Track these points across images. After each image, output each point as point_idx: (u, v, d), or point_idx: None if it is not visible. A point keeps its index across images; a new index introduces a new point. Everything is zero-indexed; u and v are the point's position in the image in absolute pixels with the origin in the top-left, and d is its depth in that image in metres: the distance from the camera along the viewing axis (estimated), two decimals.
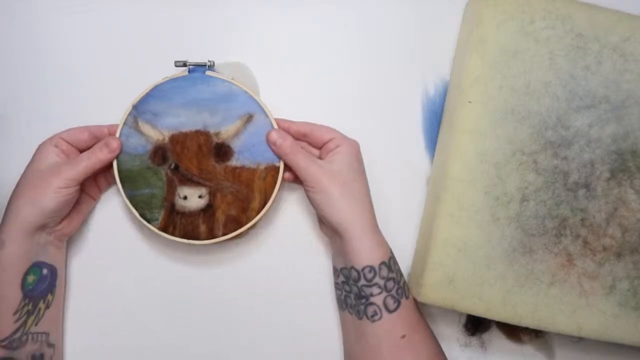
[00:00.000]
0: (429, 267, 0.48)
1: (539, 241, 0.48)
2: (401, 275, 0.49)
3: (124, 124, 0.49)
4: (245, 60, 0.54)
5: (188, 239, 0.50)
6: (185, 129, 0.49)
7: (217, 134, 0.49)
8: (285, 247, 0.54)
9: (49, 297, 0.49)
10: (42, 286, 0.48)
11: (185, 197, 0.49)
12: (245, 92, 0.50)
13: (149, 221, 0.49)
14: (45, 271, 0.49)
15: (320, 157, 0.51)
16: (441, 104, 0.55)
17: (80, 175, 0.47)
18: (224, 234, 0.50)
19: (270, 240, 0.54)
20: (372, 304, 0.47)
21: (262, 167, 0.50)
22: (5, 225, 0.46)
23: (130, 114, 0.49)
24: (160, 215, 0.49)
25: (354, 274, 0.47)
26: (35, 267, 0.48)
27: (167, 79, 0.50)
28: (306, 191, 0.49)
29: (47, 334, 0.49)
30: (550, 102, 0.48)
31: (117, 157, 0.49)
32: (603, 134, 0.48)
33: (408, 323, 0.47)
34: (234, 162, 0.50)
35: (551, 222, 0.48)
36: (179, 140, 0.49)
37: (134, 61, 0.54)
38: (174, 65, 0.50)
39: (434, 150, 0.54)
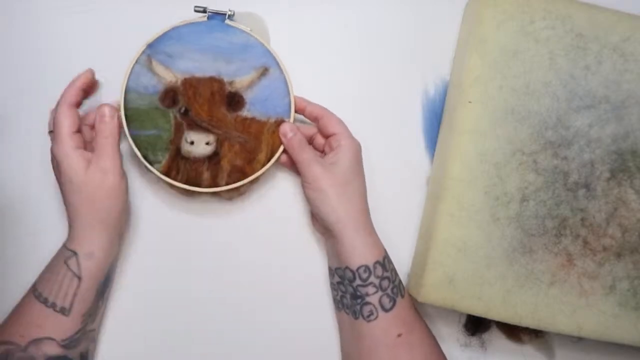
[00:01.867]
0: (429, 267, 0.48)
1: (539, 241, 0.48)
2: (396, 274, 0.49)
3: (136, 62, 0.49)
4: None
5: (190, 185, 0.49)
6: (199, 74, 0.49)
7: (231, 83, 0.49)
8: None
9: (106, 293, 0.50)
10: (106, 286, 0.49)
11: (192, 142, 0.49)
12: (263, 45, 0.50)
13: (151, 163, 0.49)
14: (111, 270, 0.49)
15: (324, 149, 0.52)
16: (441, 104, 0.55)
17: (118, 159, 0.47)
18: (227, 184, 0.49)
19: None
20: (367, 303, 0.47)
21: (272, 120, 0.50)
22: (91, 237, 0.46)
23: (143, 52, 0.49)
24: (164, 158, 0.49)
25: (349, 274, 0.47)
26: (110, 268, 0.48)
27: (185, 22, 0.50)
28: (303, 187, 0.50)
29: (95, 331, 0.49)
30: (550, 102, 0.48)
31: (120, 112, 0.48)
32: (603, 134, 0.48)
33: (404, 322, 0.47)
34: (244, 112, 0.49)
35: (551, 222, 0.48)
36: (192, 84, 0.49)
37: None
38: (193, 11, 0.50)
39: (434, 150, 0.54)
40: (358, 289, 0.47)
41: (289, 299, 0.54)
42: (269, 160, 0.50)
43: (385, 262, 0.48)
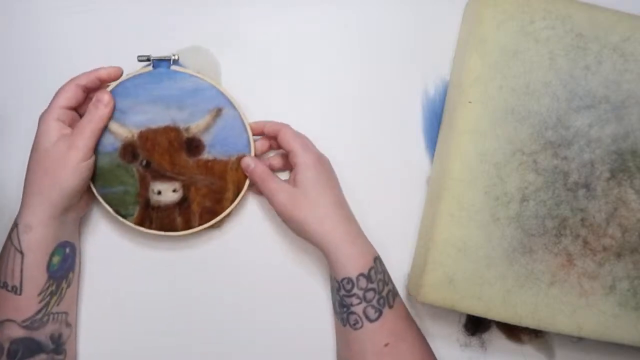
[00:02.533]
0: (429, 267, 0.48)
1: (539, 241, 0.48)
2: (384, 284, 0.48)
3: None
4: (246, 60, 0.54)
5: (165, 230, 0.50)
6: (154, 126, 0.49)
7: (187, 129, 0.50)
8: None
9: (70, 275, 0.50)
10: (65, 265, 0.49)
11: (159, 192, 0.50)
12: (213, 86, 0.50)
13: (124, 217, 0.50)
14: (67, 250, 0.49)
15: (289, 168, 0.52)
16: (441, 104, 0.55)
17: (91, 142, 0.47)
18: (200, 224, 0.50)
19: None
20: (352, 313, 0.47)
21: (233, 158, 0.50)
22: (31, 208, 0.46)
23: None
24: (135, 211, 0.50)
25: (335, 283, 0.48)
26: (60, 247, 0.48)
27: (130, 75, 0.50)
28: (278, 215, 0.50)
29: (67, 314, 0.49)
30: (550, 102, 0.48)
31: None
32: (603, 134, 0.48)
33: (391, 332, 0.47)
34: (205, 155, 0.50)
35: (551, 222, 0.48)
36: (148, 137, 0.49)
37: (134, 61, 0.54)
38: (137, 60, 0.50)
39: (434, 150, 0.54)
40: (343, 298, 0.47)
41: (289, 299, 0.54)
42: (237, 196, 0.51)
43: (370, 274, 0.47)
